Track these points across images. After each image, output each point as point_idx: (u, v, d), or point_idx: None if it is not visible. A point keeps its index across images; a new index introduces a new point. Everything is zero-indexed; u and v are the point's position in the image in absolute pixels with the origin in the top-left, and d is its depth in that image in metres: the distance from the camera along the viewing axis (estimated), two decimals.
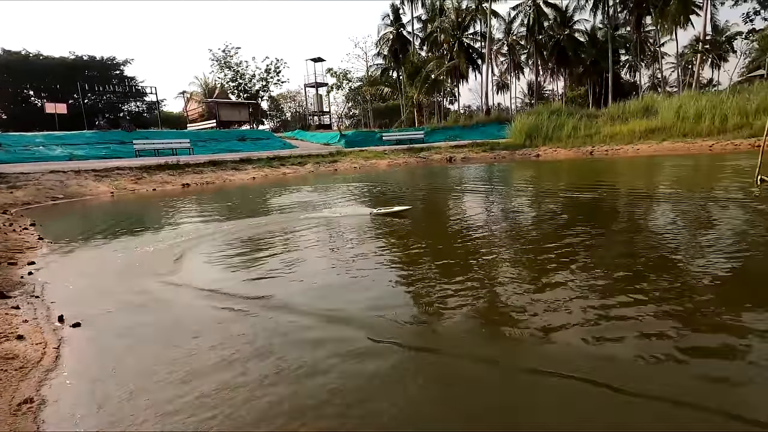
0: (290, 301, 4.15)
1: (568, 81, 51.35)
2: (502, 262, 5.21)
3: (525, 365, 2.86)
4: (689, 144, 22.84)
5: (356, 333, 3.39)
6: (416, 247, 6.29)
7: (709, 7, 32.74)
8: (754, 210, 7.35)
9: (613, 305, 3.69)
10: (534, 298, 3.98)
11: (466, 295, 4.14)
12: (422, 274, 4.95)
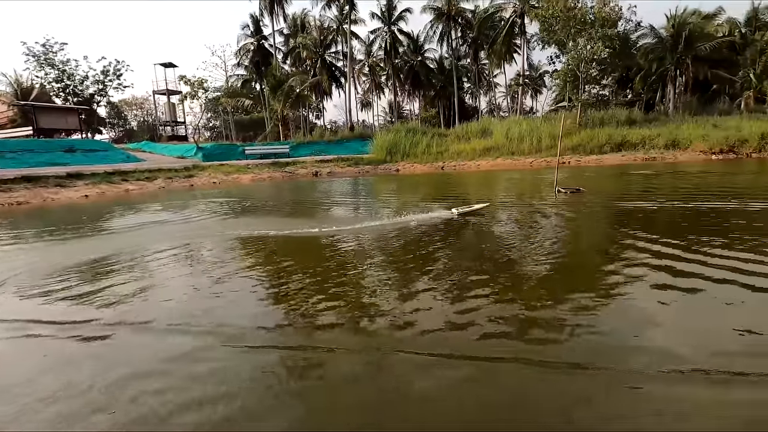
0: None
1: (422, 102, 56.58)
2: (371, 268, 5.50)
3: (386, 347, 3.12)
4: (516, 160, 27.26)
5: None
6: (283, 263, 6.20)
7: (525, 49, 39.96)
8: (556, 214, 9.14)
9: (464, 297, 4.23)
10: (394, 297, 4.31)
11: (336, 297, 4.28)
12: (290, 288, 4.92)
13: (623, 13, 29.05)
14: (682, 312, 3.86)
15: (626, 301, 4.13)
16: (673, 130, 25.67)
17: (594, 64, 30.19)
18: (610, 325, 3.63)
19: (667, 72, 34.84)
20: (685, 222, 7.76)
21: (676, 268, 4.93)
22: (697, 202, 9.39)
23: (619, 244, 6.35)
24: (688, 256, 5.34)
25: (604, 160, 25.16)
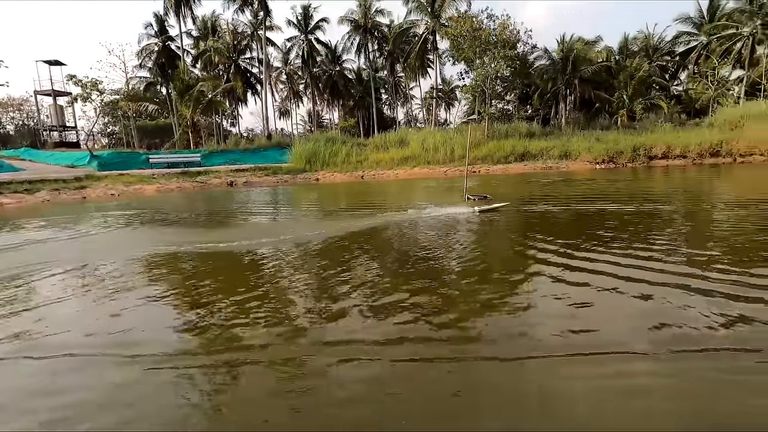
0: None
1: (342, 112, 56.95)
2: (295, 278, 5.34)
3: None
4: (432, 169, 28.57)
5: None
6: (197, 280, 5.77)
7: (438, 64, 42.31)
8: (468, 220, 9.74)
9: (389, 300, 4.28)
10: (313, 307, 4.23)
11: (254, 311, 4.07)
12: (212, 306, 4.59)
13: (521, 37, 32.08)
14: (577, 303, 4.33)
15: (527, 296, 4.54)
16: (565, 142, 28.83)
17: (498, 81, 32.86)
18: (519, 319, 3.95)
19: (559, 91, 39.16)
20: (578, 222, 8.74)
21: (570, 265, 5.53)
22: (585, 205, 10.65)
23: (524, 245, 6.96)
24: (580, 255, 6.01)
25: (510, 169, 27.40)
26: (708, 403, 2.67)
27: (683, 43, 42.49)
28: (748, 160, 23.87)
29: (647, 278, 4.84)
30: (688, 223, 8.28)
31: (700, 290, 4.41)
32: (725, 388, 2.79)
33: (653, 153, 26.11)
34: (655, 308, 4.07)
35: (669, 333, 3.54)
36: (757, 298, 4.12)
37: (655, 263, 5.42)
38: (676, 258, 5.64)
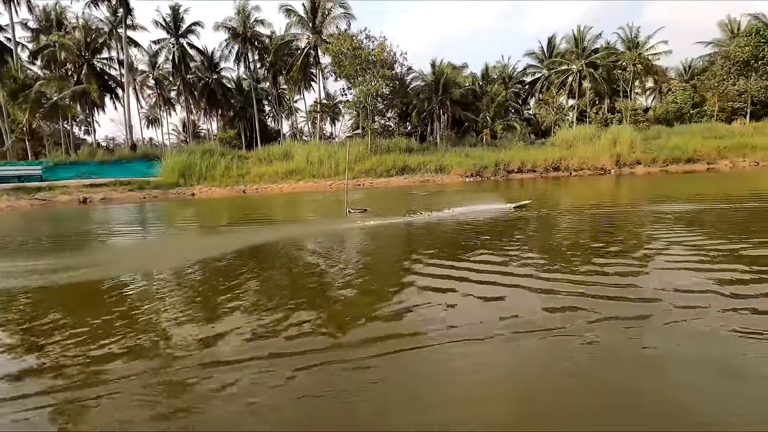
0: None
1: (221, 122, 53.67)
2: (166, 304, 4.76)
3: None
4: (317, 183, 28.56)
5: None
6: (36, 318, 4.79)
7: (321, 79, 42.76)
8: (350, 234, 9.95)
9: (272, 317, 4.07)
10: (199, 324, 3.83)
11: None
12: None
13: (398, 58, 34.22)
14: (443, 304, 4.72)
15: (403, 303, 4.81)
16: (440, 157, 31.43)
17: (379, 99, 34.48)
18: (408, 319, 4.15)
19: (434, 110, 42.67)
20: (451, 233, 9.56)
21: (440, 274, 6.01)
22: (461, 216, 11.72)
23: (403, 257, 7.35)
24: (457, 264, 6.57)
25: (392, 182, 28.81)
26: (543, 376, 3.18)
27: (531, 74, 50.02)
28: (579, 173, 28.90)
29: (502, 281, 5.54)
30: (537, 229, 9.68)
31: (541, 288, 5.20)
32: (556, 364, 3.34)
33: (511, 167, 29.97)
34: (504, 304, 4.67)
35: (514, 321, 4.10)
36: (579, 293, 5.00)
37: (508, 267, 6.22)
38: (524, 261, 6.56)
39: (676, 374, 3.17)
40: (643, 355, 3.48)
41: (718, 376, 3.14)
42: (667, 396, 2.89)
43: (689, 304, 4.40)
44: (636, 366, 3.33)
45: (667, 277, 5.37)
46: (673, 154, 29.28)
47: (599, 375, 3.23)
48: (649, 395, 2.91)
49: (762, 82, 34.69)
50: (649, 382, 3.08)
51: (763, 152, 28.66)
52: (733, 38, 38.42)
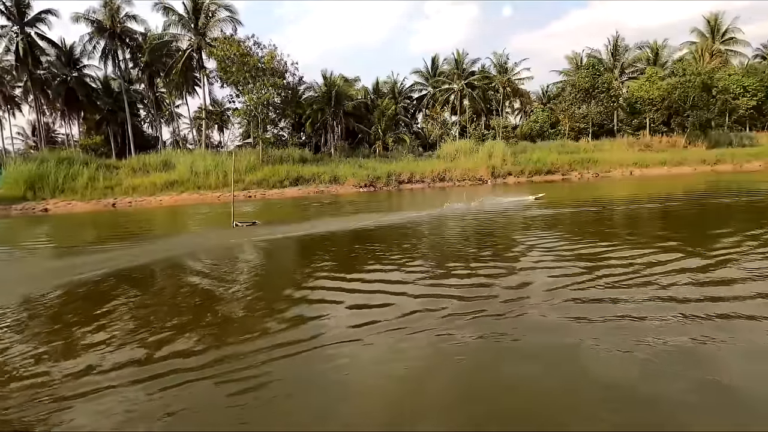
0: None
1: (84, 126, 46.87)
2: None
3: None
4: (203, 195, 26.59)
5: None
6: None
7: (206, 84, 39.93)
8: (240, 244, 9.44)
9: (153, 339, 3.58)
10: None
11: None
12: None
13: (289, 68, 33.70)
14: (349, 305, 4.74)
15: (304, 311, 4.71)
16: (334, 168, 31.67)
17: (270, 108, 33.52)
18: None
19: (327, 121, 42.93)
20: (346, 243, 9.64)
21: (338, 285, 6.03)
22: (356, 226, 11.90)
23: (296, 268, 7.20)
24: (349, 276, 6.63)
25: (286, 192, 28.13)
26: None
27: (418, 90, 53.37)
28: (462, 183, 31.57)
29: (388, 289, 5.78)
30: (424, 235, 10.31)
31: (421, 293, 5.56)
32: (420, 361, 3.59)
33: (402, 178, 31.48)
34: (386, 310, 4.89)
35: (420, 316, 4.31)
36: (459, 285, 5.46)
37: (393, 275, 6.52)
38: (410, 268, 6.94)
39: (518, 363, 3.68)
40: (503, 347, 3.95)
41: (554, 358, 3.71)
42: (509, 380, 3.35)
43: (543, 300, 5.13)
44: (498, 357, 3.78)
45: (526, 277, 6.18)
46: (536, 167, 33.70)
47: (467, 366, 3.59)
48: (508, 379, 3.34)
49: (598, 107, 41.94)
50: (511, 369, 3.53)
51: (601, 165, 34.58)
52: (578, 70, 45.88)
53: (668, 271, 5.95)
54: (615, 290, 5.29)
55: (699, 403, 2.99)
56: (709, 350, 3.68)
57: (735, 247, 7.28)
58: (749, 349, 3.70)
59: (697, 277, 5.65)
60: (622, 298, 4.96)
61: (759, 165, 34.49)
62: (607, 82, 41.20)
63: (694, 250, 7.18)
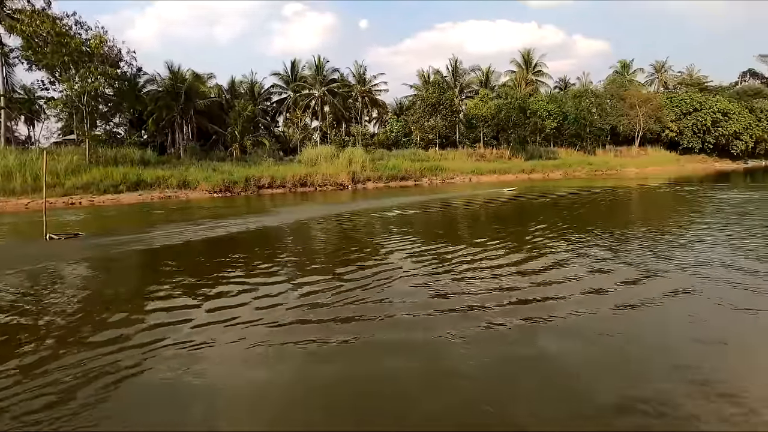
0: None
1: None
2: None
3: None
4: (5, 202, 21.38)
5: None
6: None
7: (5, 65, 32.01)
8: (39, 263, 7.85)
9: None
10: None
11: None
12: None
13: (124, 56, 29.44)
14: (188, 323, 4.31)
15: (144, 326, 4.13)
16: (184, 171, 28.79)
17: (101, 100, 28.76)
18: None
19: (175, 119, 38.78)
20: (207, 251, 8.81)
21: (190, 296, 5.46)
22: (215, 235, 10.95)
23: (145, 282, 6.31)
24: (181, 299, 6.05)
25: (122, 198, 24.45)
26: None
27: (278, 93, 52.12)
28: (323, 188, 31.96)
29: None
30: (287, 239, 10.12)
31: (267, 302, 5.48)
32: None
33: (262, 183, 30.33)
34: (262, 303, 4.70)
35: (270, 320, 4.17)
36: (315, 290, 5.53)
37: (245, 279, 6.28)
38: (263, 272, 6.75)
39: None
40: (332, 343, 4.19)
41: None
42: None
43: (403, 299, 5.58)
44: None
45: (389, 283, 6.63)
46: (392, 173, 36.13)
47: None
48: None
49: (443, 121, 47.09)
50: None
51: (446, 173, 38.89)
52: (425, 86, 50.74)
53: (500, 264, 7.09)
54: (462, 283, 6.09)
55: (517, 372, 3.69)
56: (531, 329, 4.54)
57: (548, 238, 9.05)
58: (561, 326, 4.68)
59: (521, 267, 6.86)
60: (468, 291, 5.74)
61: (560, 174, 43.21)
62: (449, 99, 46.56)
63: (517, 244, 8.69)
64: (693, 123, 58.24)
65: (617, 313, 4.84)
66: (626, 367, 3.69)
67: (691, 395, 3.15)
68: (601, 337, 4.22)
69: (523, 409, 3.11)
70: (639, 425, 2.85)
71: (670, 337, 4.28)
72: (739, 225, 10.65)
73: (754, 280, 5.76)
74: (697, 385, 3.27)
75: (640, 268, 6.61)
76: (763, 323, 4.50)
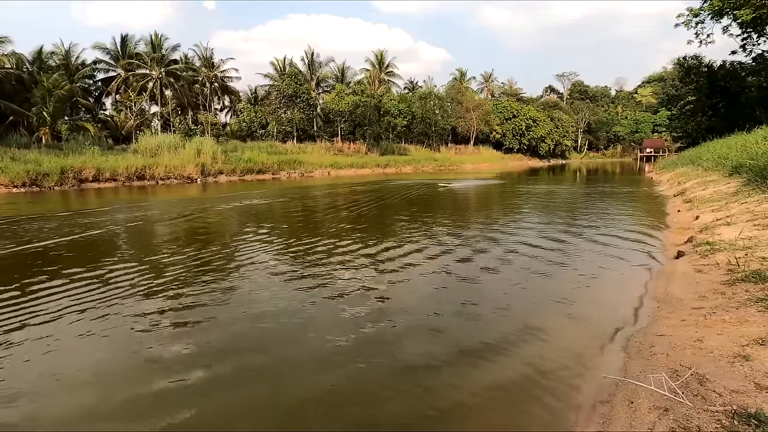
0: None
1: None
2: None
3: None
4: None
5: None
6: None
7: None
8: None
9: None
10: None
11: None
12: None
13: None
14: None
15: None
16: None
17: None
18: None
19: None
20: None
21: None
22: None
23: None
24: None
25: None
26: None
27: (103, 70, 44.34)
28: (167, 182, 28.51)
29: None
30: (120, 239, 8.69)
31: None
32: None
33: (84, 176, 25.52)
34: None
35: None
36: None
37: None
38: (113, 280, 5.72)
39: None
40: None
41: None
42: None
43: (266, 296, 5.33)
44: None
45: (255, 291, 6.27)
46: (248, 166, 34.23)
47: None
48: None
49: (300, 114, 46.55)
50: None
51: (305, 166, 38.56)
52: (282, 76, 49.30)
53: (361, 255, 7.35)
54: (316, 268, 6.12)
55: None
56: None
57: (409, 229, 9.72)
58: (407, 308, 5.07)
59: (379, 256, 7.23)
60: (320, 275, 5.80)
61: (411, 168, 46.92)
62: (306, 92, 46.23)
63: (379, 237, 9.13)
64: (513, 127, 69.72)
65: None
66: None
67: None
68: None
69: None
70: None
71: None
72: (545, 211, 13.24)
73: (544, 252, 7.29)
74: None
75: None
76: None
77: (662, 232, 8.86)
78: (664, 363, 3.19)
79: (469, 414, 2.96)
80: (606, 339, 3.94)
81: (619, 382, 3.08)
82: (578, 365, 3.49)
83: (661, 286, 5.21)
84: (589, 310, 4.74)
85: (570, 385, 3.19)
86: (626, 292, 5.22)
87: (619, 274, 6.07)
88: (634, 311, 4.58)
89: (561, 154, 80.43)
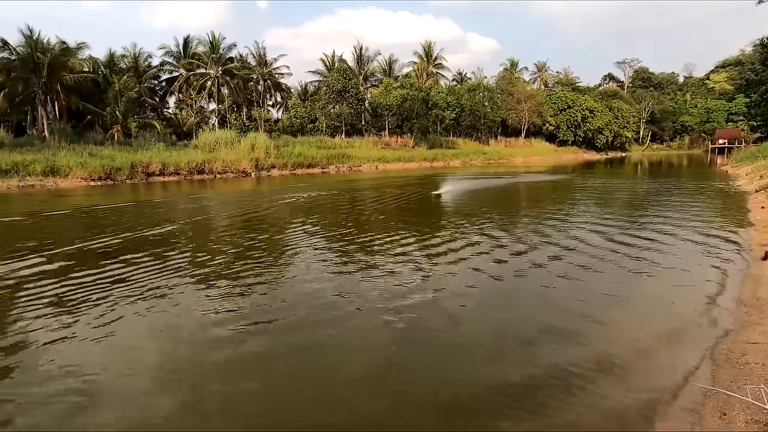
0: None
1: None
2: None
3: None
4: None
5: None
6: None
7: None
8: None
9: None
10: None
11: None
12: None
13: None
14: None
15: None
16: (51, 156, 24.75)
17: None
18: None
19: (36, 95, 32.95)
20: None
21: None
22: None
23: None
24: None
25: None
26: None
27: (168, 71, 47.14)
28: (224, 176, 29.98)
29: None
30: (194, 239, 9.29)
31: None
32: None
33: (151, 170, 27.38)
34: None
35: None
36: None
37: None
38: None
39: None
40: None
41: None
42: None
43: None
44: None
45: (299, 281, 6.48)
46: (298, 160, 35.19)
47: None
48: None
49: (349, 109, 47.04)
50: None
51: (353, 160, 39.04)
52: (331, 72, 50.01)
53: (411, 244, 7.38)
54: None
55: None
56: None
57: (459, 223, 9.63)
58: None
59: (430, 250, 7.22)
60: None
61: (459, 162, 46.16)
62: (355, 86, 46.61)
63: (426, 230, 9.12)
64: (567, 118, 66.36)
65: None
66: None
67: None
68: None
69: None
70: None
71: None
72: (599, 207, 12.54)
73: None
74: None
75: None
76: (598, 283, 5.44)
77: (746, 230, 8.09)
78: (760, 374, 2.90)
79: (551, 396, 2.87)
80: (691, 344, 3.66)
81: (708, 392, 2.85)
82: (660, 370, 3.27)
83: (749, 289, 4.76)
84: (671, 313, 4.42)
85: (654, 390, 3.00)
86: (708, 295, 4.82)
87: (700, 276, 5.61)
88: (718, 316, 4.22)
89: (620, 146, 75.67)
